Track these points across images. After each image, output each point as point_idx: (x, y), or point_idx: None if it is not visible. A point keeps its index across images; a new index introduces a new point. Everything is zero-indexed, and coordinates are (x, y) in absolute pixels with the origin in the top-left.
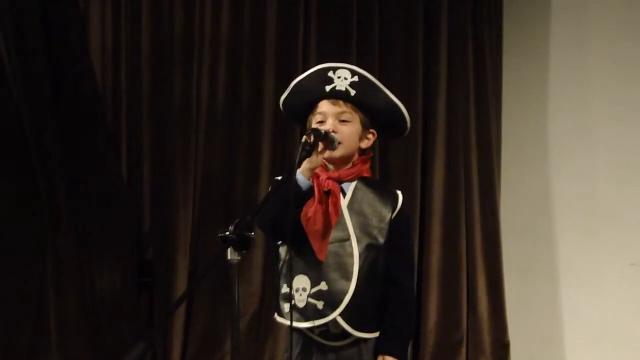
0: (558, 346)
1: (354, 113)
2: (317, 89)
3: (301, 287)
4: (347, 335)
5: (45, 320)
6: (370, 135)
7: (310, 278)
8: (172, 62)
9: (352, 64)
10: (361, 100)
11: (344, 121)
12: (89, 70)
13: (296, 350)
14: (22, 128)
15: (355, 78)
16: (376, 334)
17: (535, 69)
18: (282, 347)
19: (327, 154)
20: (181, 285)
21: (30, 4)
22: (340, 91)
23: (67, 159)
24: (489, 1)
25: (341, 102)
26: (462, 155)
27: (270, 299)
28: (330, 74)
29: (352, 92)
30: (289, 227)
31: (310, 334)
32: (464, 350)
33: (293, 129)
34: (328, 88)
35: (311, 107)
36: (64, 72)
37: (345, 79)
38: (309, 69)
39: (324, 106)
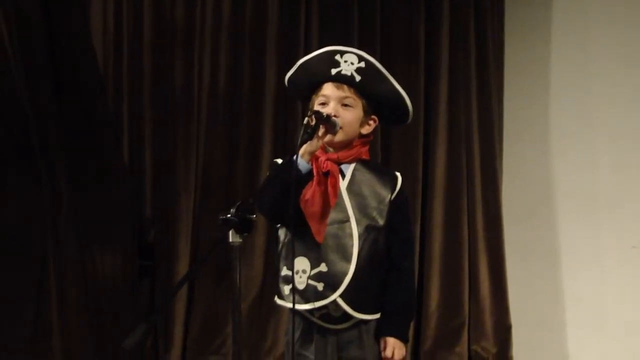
0: (559, 329)
1: (357, 99)
2: (322, 71)
3: (301, 269)
4: (347, 318)
5: (47, 305)
6: (371, 122)
7: (310, 260)
8: (173, 50)
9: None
10: (365, 86)
11: (346, 105)
12: (91, 58)
13: (297, 334)
14: (24, 115)
15: (362, 64)
16: (377, 316)
17: (537, 54)
18: (284, 331)
19: (328, 138)
20: (182, 270)
21: None
22: (345, 75)
23: (68, 145)
24: None
25: (345, 87)
26: (464, 140)
27: (273, 282)
28: (338, 57)
29: (358, 78)
30: (292, 211)
31: (311, 317)
32: (465, 333)
33: (294, 116)
34: (334, 71)
35: (315, 87)
36: (66, 60)
37: (352, 63)
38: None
39: (328, 89)
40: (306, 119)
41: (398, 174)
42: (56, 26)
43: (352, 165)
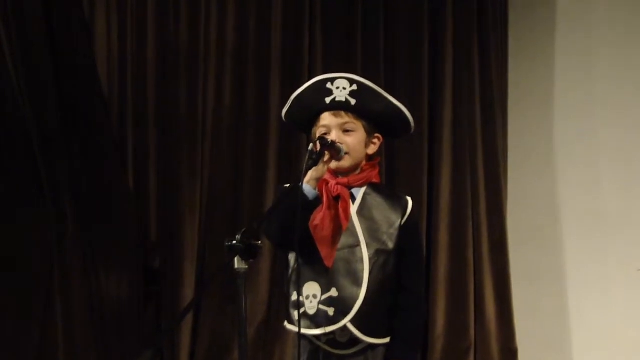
0: (566, 353)
1: (357, 122)
2: (317, 102)
3: (312, 294)
4: (353, 343)
5: (53, 327)
6: (375, 140)
7: (320, 285)
8: (177, 70)
9: (357, 70)
10: (362, 108)
11: (347, 131)
12: (95, 78)
13: (303, 358)
14: (28, 135)
15: (354, 87)
16: (386, 340)
17: (541, 74)
18: (290, 355)
19: (335, 164)
20: (188, 293)
21: (35, 13)
22: (340, 102)
23: (72, 166)
24: (494, 6)
25: (342, 113)
26: (468, 161)
27: (278, 307)
28: (329, 85)
29: (353, 102)
30: (297, 237)
31: (317, 342)
32: (472, 357)
33: (299, 136)
34: (328, 100)
35: (313, 119)
36: (69, 80)
37: (344, 88)
38: (315, 76)
39: (327, 119)
40: (311, 145)
41: (409, 198)
42: (60, 47)
43: (363, 189)
